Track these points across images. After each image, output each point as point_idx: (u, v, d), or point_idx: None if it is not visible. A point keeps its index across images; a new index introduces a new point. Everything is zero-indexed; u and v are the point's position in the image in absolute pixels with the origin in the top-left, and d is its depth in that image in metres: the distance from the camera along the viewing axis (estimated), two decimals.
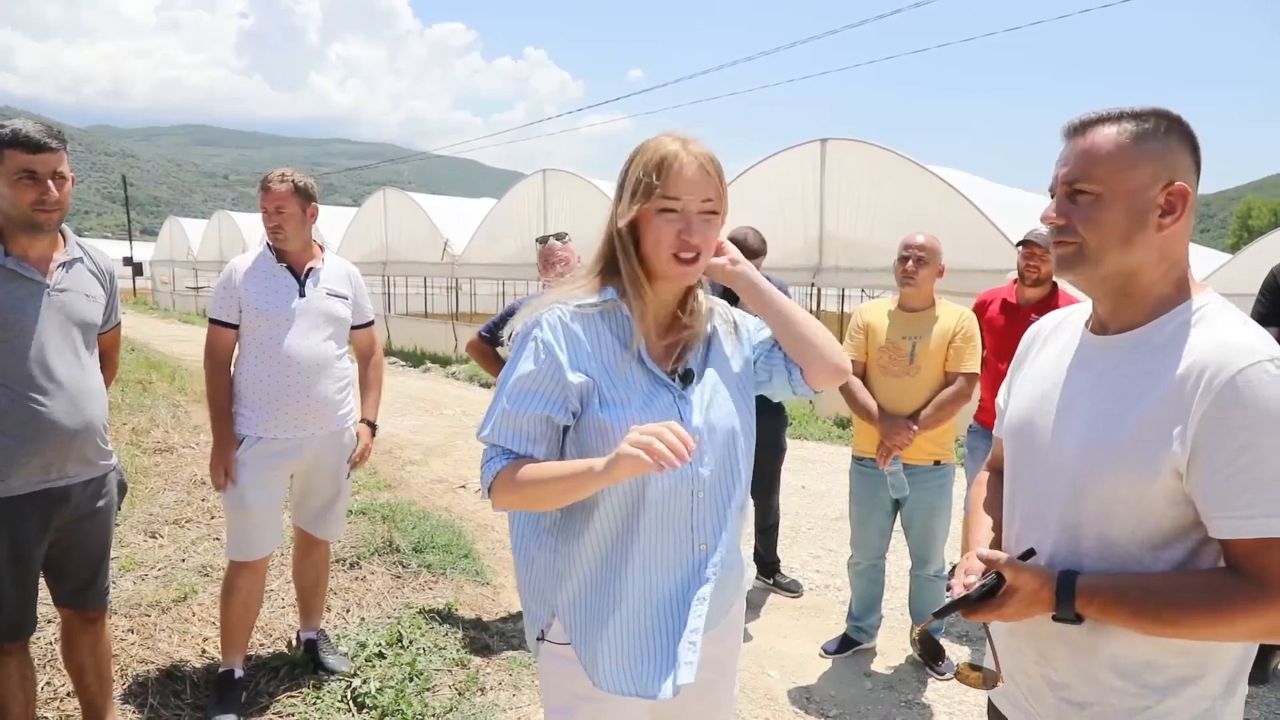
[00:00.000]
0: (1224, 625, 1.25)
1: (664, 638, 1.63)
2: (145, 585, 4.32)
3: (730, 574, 1.74)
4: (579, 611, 1.66)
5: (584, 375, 1.60)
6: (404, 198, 18.89)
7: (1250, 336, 1.27)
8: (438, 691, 3.43)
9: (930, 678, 3.77)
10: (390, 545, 4.99)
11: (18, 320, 2.37)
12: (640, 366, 1.64)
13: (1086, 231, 1.34)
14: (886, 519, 3.84)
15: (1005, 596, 1.35)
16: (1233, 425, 1.21)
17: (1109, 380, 1.38)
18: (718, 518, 1.67)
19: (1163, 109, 1.34)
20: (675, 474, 1.52)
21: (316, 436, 3.26)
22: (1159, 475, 1.27)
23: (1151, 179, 1.31)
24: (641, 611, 1.64)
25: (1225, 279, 10.54)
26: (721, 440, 1.67)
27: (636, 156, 1.59)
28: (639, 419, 1.55)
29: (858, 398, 3.71)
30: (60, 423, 2.43)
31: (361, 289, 3.50)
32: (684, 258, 1.58)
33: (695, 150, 1.57)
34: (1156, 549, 1.33)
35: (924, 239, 3.60)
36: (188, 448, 7.39)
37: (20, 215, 2.36)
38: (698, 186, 1.56)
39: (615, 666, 1.63)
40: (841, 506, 4.75)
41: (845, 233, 10.48)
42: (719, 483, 1.67)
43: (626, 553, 1.63)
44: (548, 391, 1.59)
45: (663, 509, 1.62)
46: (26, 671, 2.61)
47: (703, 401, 1.66)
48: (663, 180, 1.54)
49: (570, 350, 1.61)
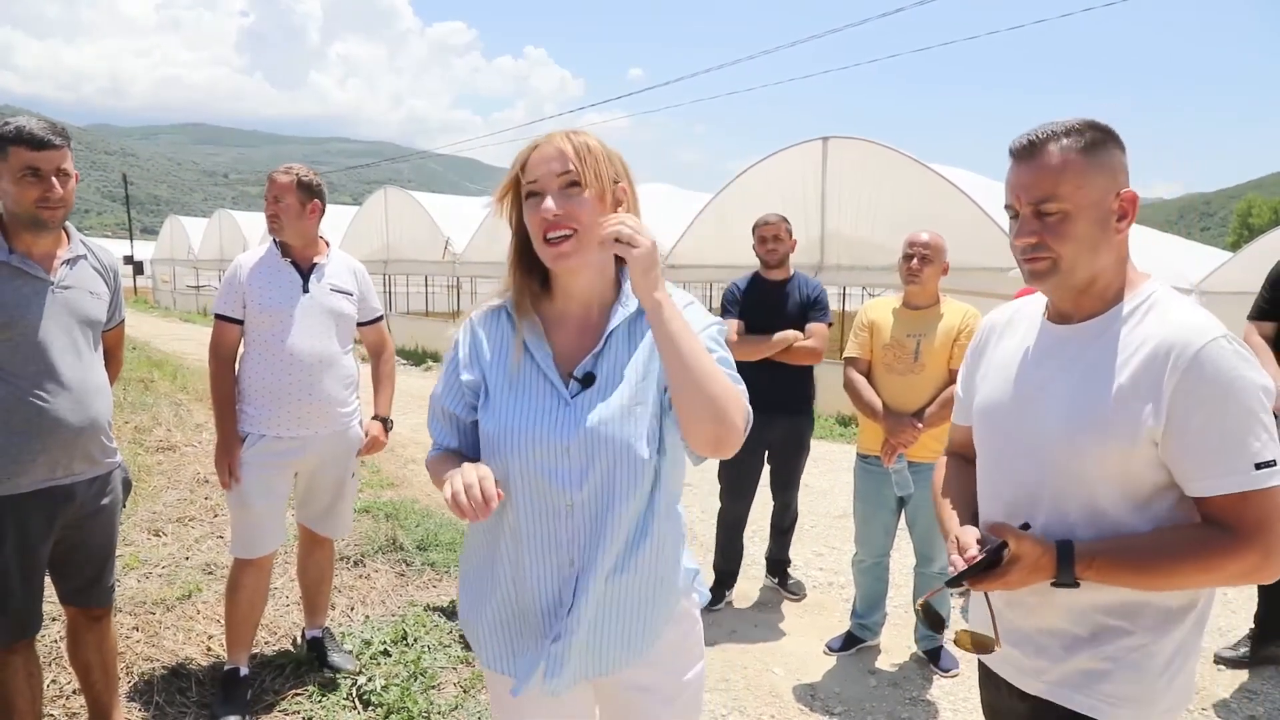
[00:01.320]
0: (1211, 571, 1.39)
1: (534, 641, 1.62)
2: (150, 583, 4.32)
3: (633, 595, 1.61)
4: (466, 592, 1.73)
5: (473, 375, 1.63)
6: (405, 196, 18.88)
7: (1201, 317, 1.43)
8: (442, 689, 3.43)
9: (935, 675, 3.77)
10: (394, 543, 5.00)
11: (22, 317, 2.37)
12: (534, 367, 1.59)
13: (1059, 246, 1.46)
14: (891, 516, 3.84)
15: (1009, 565, 1.44)
16: (1201, 396, 1.37)
17: (1081, 363, 1.50)
18: (595, 534, 1.55)
19: (1094, 120, 1.47)
20: (542, 488, 1.55)
21: (321, 435, 3.25)
22: (1138, 445, 1.41)
23: (1106, 189, 1.45)
24: (511, 610, 1.63)
25: (1226, 277, 10.53)
26: (610, 452, 1.53)
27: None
28: (512, 422, 1.56)
29: (862, 395, 3.72)
30: (65, 420, 2.43)
31: (368, 285, 3.48)
32: (549, 237, 1.51)
33: (558, 135, 1.55)
34: (1139, 511, 1.46)
35: (928, 237, 3.60)
36: (190, 446, 7.39)
37: (24, 212, 2.36)
38: (551, 162, 1.51)
39: (490, 647, 1.67)
40: (846, 504, 4.76)
41: (847, 231, 10.47)
42: (599, 498, 1.55)
43: (494, 552, 1.64)
44: (450, 386, 1.67)
45: (526, 521, 1.57)
46: (33, 669, 2.61)
47: (593, 409, 1.55)
48: (523, 168, 1.55)
49: (469, 350, 1.66)
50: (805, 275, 4.39)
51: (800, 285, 4.30)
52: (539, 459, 1.54)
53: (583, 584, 1.56)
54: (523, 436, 1.55)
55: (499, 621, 1.65)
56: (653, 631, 1.66)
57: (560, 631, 1.58)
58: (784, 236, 4.27)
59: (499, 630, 1.66)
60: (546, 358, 1.59)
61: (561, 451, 1.54)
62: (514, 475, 1.56)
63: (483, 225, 16.61)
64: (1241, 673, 3.78)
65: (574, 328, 1.63)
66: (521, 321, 1.62)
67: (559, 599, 1.59)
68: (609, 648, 1.62)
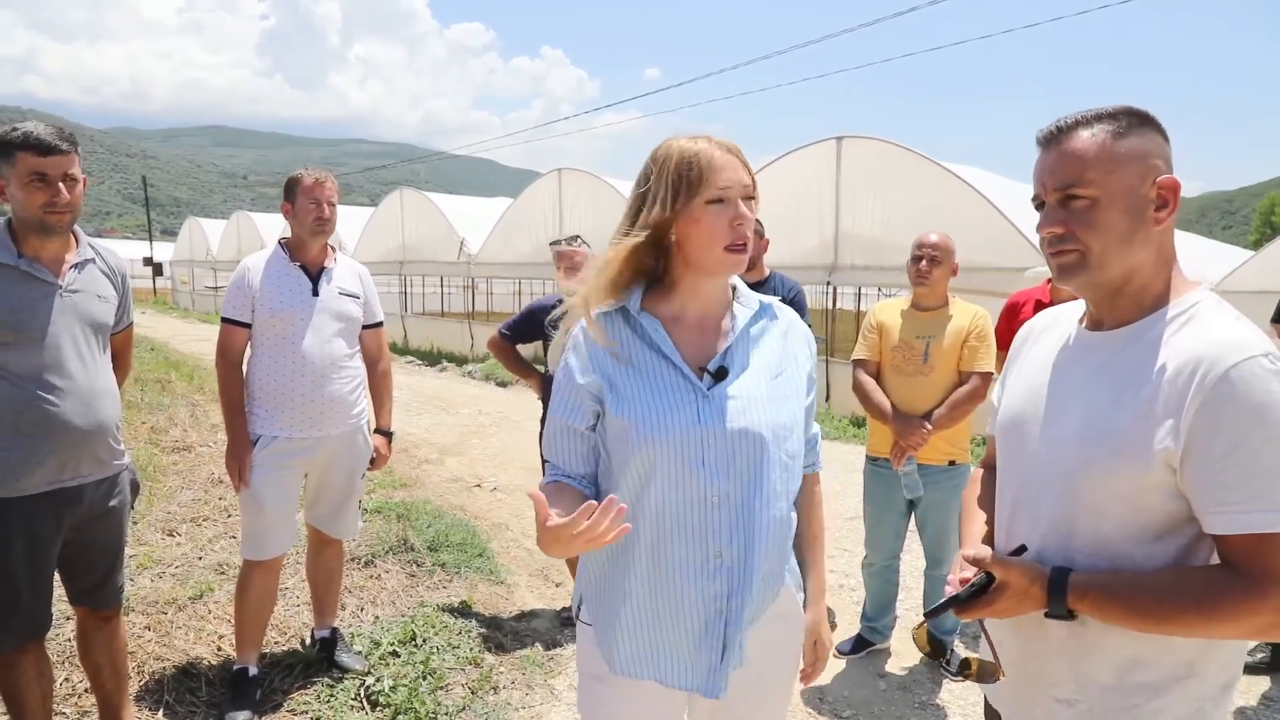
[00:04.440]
0: (1219, 622, 1.23)
1: (682, 635, 1.61)
2: (163, 583, 4.35)
3: (766, 588, 1.64)
4: (595, 598, 1.71)
5: (595, 376, 1.61)
6: (421, 197, 18.95)
7: (1243, 332, 1.26)
8: (451, 690, 3.44)
9: (945, 679, 3.74)
10: (405, 544, 5.01)
11: (31, 321, 2.39)
12: (666, 363, 1.60)
13: (1087, 237, 1.33)
14: (901, 519, 3.82)
15: (996, 593, 1.35)
16: (1226, 420, 1.21)
17: (1103, 375, 1.37)
18: (737, 526, 1.57)
19: (1131, 107, 1.35)
20: (687, 479, 1.55)
21: (330, 436, 3.27)
22: (1152, 469, 1.27)
23: (1141, 176, 1.31)
24: (652, 609, 1.62)
25: (1248, 276, 10.40)
26: (747, 440, 1.57)
27: (665, 161, 1.57)
28: (654, 416, 1.56)
29: (871, 397, 3.69)
30: (73, 423, 2.44)
31: (372, 289, 3.50)
32: (737, 246, 1.57)
33: (721, 143, 1.59)
34: (1149, 544, 1.32)
35: (937, 237, 3.58)
36: (205, 446, 7.45)
37: (32, 217, 2.38)
38: (740, 173, 1.57)
39: (630, 652, 1.64)
40: (856, 506, 4.73)
41: (861, 231, 10.42)
42: (745, 489, 1.57)
43: (632, 552, 1.61)
44: (566, 399, 1.65)
45: (672, 514, 1.57)
46: (43, 668, 2.63)
47: (733, 399, 1.58)
48: (706, 174, 1.54)
49: (586, 356, 1.63)
50: (783, 275, 4.25)
51: (777, 287, 4.14)
52: (681, 448, 1.55)
53: (743, 580, 1.57)
54: (667, 424, 1.55)
55: (636, 626, 1.63)
56: (758, 611, 1.66)
57: (728, 634, 1.58)
58: (753, 238, 4.14)
59: (636, 635, 1.64)
60: (675, 354, 1.60)
61: (706, 441, 1.55)
62: (657, 466, 1.55)
63: (498, 226, 16.65)
64: (1262, 680, 3.72)
65: (694, 326, 1.66)
66: (644, 320, 1.62)
67: (703, 591, 1.58)
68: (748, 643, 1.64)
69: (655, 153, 1.60)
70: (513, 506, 6.43)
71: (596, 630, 1.69)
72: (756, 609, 1.62)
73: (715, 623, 1.59)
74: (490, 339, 4.24)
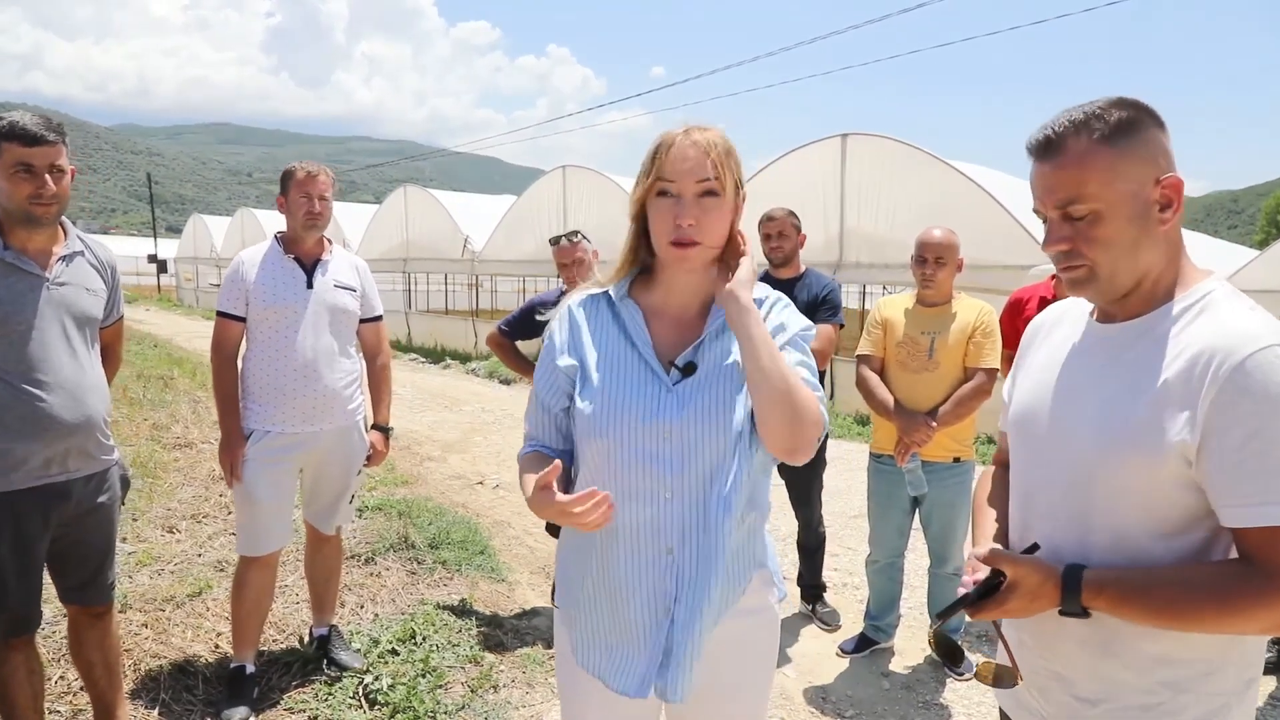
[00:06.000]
0: (1237, 618, 1.21)
1: (628, 633, 1.59)
2: (161, 580, 4.33)
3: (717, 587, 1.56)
4: (563, 582, 1.72)
5: (571, 359, 1.63)
6: (425, 195, 18.93)
7: (1258, 322, 1.24)
8: (450, 688, 3.40)
9: (949, 678, 3.70)
10: (406, 541, 4.98)
11: (17, 314, 2.35)
12: (635, 355, 1.60)
13: (1093, 253, 1.30)
14: (905, 517, 3.78)
15: (1007, 593, 1.31)
16: (1242, 411, 1.18)
17: (1116, 368, 1.34)
18: (690, 525, 1.54)
19: (1123, 99, 1.30)
20: (640, 471, 1.54)
21: (325, 431, 3.23)
22: (1168, 461, 1.24)
23: (1142, 179, 1.27)
24: (608, 599, 1.61)
25: (1253, 275, 10.33)
26: (707, 439, 1.53)
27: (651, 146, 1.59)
28: (612, 405, 1.56)
29: (875, 393, 3.65)
30: (60, 417, 2.41)
31: (369, 282, 3.46)
32: (678, 240, 1.52)
33: (696, 135, 1.53)
34: (1166, 539, 1.29)
35: (941, 235, 3.52)
36: (207, 443, 7.43)
37: (17, 208, 2.34)
38: (692, 166, 1.51)
39: (585, 643, 1.66)
40: (860, 504, 4.69)
41: (866, 228, 10.38)
42: (694, 485, 1.54)
43: (592, 538, 1.60)
44: (545, 375, 1.67)
45: (624, 504, 1.55)
46: (34, 666, 2.60)
47: (695, 396, 1.55)
48: (658, 162, 1.53)
49: (567, 335, 1.66)
50: (818, 273, 4.13)
51: (811, 284, 4.03)
52: (639, 441, 1.54)
53: (694, 583, 1.53)
54: (624, 416, 1.54)
55: (592, 619, 1.64)
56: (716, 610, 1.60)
57: (677, 641, 1.53)
58: (789, 232, 4.00)
59: (591, 628, 1.64)
60: (646, 345, 1.60)
61: (663, 435, 1.54)
62: (612, 457, 1.55)
63: (501, 223, 16.63)
64: (1269, 680, 3.68)
65: (672, 320, 1.64)
66: (624, 308, 1.63)
67: (654, 588, 1.56)
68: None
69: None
70: (514, 504, 6.40)
71: (560, 615, 1.72)
72: (715, 615, 1.56)
73: (663, 622, 1.56)
74: (490, 335, 4.21)
